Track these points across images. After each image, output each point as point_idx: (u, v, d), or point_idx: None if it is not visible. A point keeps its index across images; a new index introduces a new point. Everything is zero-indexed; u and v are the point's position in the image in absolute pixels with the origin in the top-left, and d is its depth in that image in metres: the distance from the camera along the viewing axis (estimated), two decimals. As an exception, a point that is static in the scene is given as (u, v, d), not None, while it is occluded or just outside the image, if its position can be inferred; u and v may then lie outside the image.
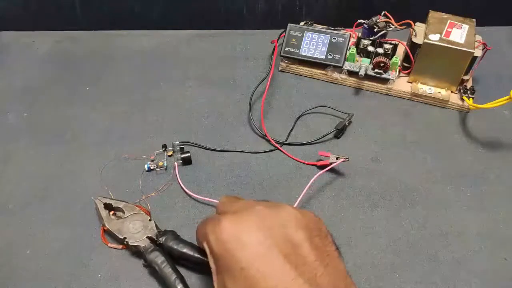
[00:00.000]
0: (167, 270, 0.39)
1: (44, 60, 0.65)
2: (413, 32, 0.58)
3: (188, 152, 0.51)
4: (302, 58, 0.62)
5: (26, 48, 0.67)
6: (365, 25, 0.60)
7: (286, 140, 0.54)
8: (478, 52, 0.56)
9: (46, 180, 0.49)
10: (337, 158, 0.49)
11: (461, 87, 0.59)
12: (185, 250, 0.40)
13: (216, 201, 0.47)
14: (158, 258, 0.40)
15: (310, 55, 0.61)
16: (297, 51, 0.62)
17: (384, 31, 0.59)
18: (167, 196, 0.48)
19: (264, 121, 0.55)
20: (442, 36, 0.56)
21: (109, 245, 0.43)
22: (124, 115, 0.57)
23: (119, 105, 0.58)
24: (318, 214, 0.46)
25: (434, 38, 0.56)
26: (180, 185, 0.49)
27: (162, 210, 0.47)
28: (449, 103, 0.59)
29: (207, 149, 0.53)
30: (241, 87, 0.61)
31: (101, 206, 0.44)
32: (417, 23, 0.59)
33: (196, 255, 0.40)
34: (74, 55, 0.66)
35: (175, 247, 0.41)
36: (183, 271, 0.40)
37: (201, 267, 0.40)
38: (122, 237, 0.42)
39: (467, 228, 0.46)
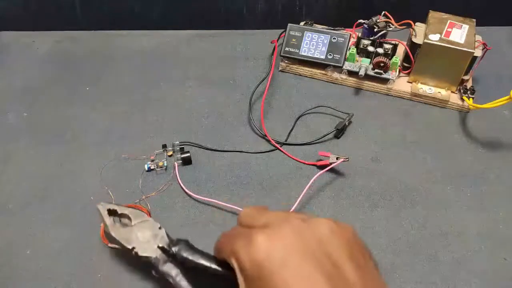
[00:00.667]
0: (183, 283, 0.35)
1: (44, 60, 0.65)
2: (413, 32, 0.58)
3: (188, 152, 0.51)
4: (302, 58, 0.62)
5: (26, 48, 0.67)
6: (365, 25, 0.60)
7: (286, 140, 0.54)
8: (478, 52, 0.56)
9: (46, 180, 0.49)
10: (337, 158, 0.49)
11: (461, 87, 0.59)
12: (201, 261, 0.36)
13: (216, 201, 0.47)
14: (173, 270, 0.36)
15: (310, 55, 0.61)
16: (297, 51, 0.62)
17: (384, 31, 0.59)
18: (167, 196, 0.48)
19: (264, 121, 0.55)
20: (442, 36, 0.56)
21: (109, 245, 0.43)
22: (124, 115, 0.57)
23: (119, 105, 0.58)
24: (318, 214, 0.46)
25: (434, 38, 0.56)
26: (180, 185, 0.49)
27: (162, 210, 0.47)
28: (449, 103, 0.59)
29: (207, 149, 0.53)
30: (241, 87, 0.61)
31: (104, 213, 0.39)
32: (417, 23, 0.59)
33: (213, 266, 0.35)
34: (74, 55, 0.66)
35: (190, 258, 0.36)
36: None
37: (217, 279, 0.36)
38: (130, 247, 0.38)
39: (467, 228, 0.46)
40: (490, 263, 0.44)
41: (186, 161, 0.51)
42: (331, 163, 0.49)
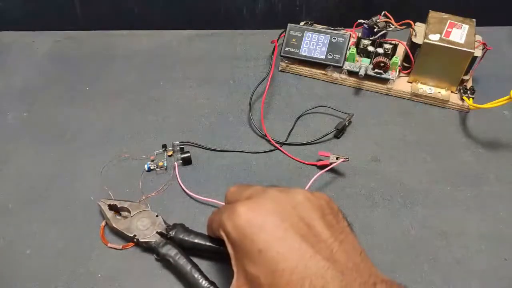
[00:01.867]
0: (182, 261, 0.40)
1: (44, 60, 0.65)
2: (413, 32, 0.58)
3: (188, 152, 0.51)
4: (302, 58, 0.62)
5: (26, 48, 0.67)
6: (365, 25, 0.60)
7: (286, 140, 0.54)
8: (478, 52, 0.56)
9: (46, 180, 0.49)
10: (337, 158, 0.49)
11: (461, 87, 0.59)
12: (196, 240, 0.41)
13: (216, 201, 0.47)
14: (171, 251, 0.40)
15: (310, 55, 0.61)
16: (297, 51, 0.62)
17: (384, 31, 0.59)
18: (167, 196, 0.48)
19: (264, 121, 0.55)
20: (442, 36, 0.56)
21: (109, 245, 0.43)
22: (124, 115, 0.57)
23: (119, 105, 0.58)
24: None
25: (434, 38, 0.56)
26: (180, 185, 0.49)
27: (162, 210, 0.47)
28: (449, 103, 0.59)
29: (207, 149, 0.53)
30: (241, 87, 0.61)
31: (105, 208, 0.44)
32: (417, 23, 0.59)
33: (208, 243, 0.41)
34: (74, 55, 0.66)
35: (186, 238, 0.41)
36: (194, 260, 0.41)
37: (213, 255, 0.41)
38: (131, 235, 0.42)
39: (467, 228, 0.46)
40: (490, 263, 0.44)
41: (186, 161, 0.51)
42: (331, 163, 0.49)
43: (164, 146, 0.52)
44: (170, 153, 0.52)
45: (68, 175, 0.50)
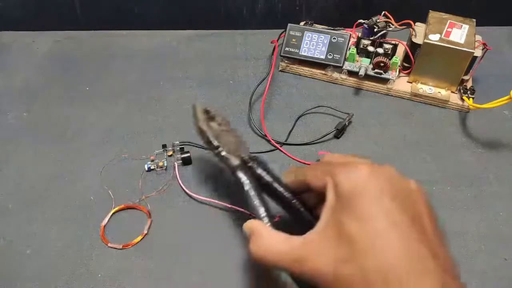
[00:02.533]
0: (252, 193, 0.37)
1: (44, 60, 0.65)
2: (413, 32, 0.58)
3: (188, 152, 0.51)
4: (302, 58, 0.62)
5: (26, 48, 0.67)
6: (365, 25, 0.60)
7: (286, 140, 0.54)
8: (478, 52, 0.56)
9: (46, 180, 0.49)
10: (337, 158, 0.49)
11: (461, 87, 0.59)
12: (272, 180, 0.38)
13: (216, 201, 0.47)
14: (247, 180, 0.38)
15: (310, 55, 0.61)
16: (297, 51, 0.62)
17: (384, 31, 0.59)
18: (167, 196, 0.48)
19: (264, 121, 0.55)
20: (442, 36, 0.56)
21: (109, 244, 0.43)
22: (124, 115, 0.57)
23: (119, 105, 0.58)
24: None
25: (434, 38, 0.56)
26: (180, 185, 0.49)
27: (162, 210, 0.47)
28: (449, 103, 0.59)
29: (207, 149, 0.53)
30: (241, 87, 0.61)
31: (199, 109, 0.42)
32: (417, 23, 0.59)
33: (280, 189, 0.38)
34: (74, 55, 0.66)
35: (264, 175, 0.39)
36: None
37: (281, 204, 0.39)
38: (216, 145, 0.40)
39: (467, 228, 0.46)
40: (490, 263, 0.44)
41: (186, 161, 0.51)
42: (331, 163, 0.49)
43: (164, 146, 0.52)
44: (170, 153, 0.52)
45: (68, 175, 0.50)
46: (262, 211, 0.36)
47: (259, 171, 0.39)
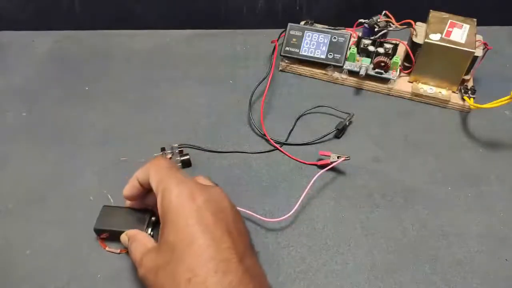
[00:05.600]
0: None
1: (43, 60, 0.65)
2: (414, 32, 0.58)
3: (187, 154, 0.51)
4: (302, 57, 0.62)
5: (25, 48, 0.67)
6: (366, 25, 0.60)
7: (286, 140, 0.54)
8: (479, 52, 0.56)
9: (46, 180, 0.49)
10: (338, 157, 0.49)
11: (462, 87, 0.58)
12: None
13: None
14: None
15: (311, 55, 0.61)
16: (297, 51, 0.61)
17: (385, 31, 0.59)
18: (167, 197, 0.48)
19: (264, 121, 0.55)
20: (443, 36, 0.56)
21: (107, 249, 0.43)
22: (124, 115, 0.57)
23: (119, 105, 0.58)
24: (319, 214, 0.46)
25: (434, 37, 0.56)
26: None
27: (162, 211, 0.46)
28: (450, 103, 0.59)
29: (206, 150, 0.53)
30: (241, 87, 0.61)
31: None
32: (417, 23, 0.59)
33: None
34: (73, 55, 0.66)
35: None
36: None
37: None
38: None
39: (467, 228, 0.46)
40: (491, 264, 0.43)
41: (186, 164, 0.51)
42: (332, 162, 0.49)
43: (162, 149, 0.52)
44: (169, 156, 0.51)
45: (68, 175, 0.50)
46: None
47: None
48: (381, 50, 0.58)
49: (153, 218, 0.43)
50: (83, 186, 0.49)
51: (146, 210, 0.43)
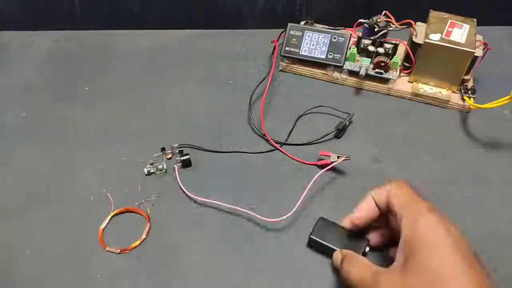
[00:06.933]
0: None
1: (43, 60, 0.65)
2: (414, 32, 0.58)
3: (187, 154, 0.51)
4: (302, 57, 0.62)
5: (25, 47, 0.67)
6: (366, 25, 0.60)
7: (286, 140, 0.54)
8: (479, 52, 0.56)
9: (46, 180, 0.49)
10: (338, 157, 0.49)
11: (462, 87, 0.58)
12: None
13: (217, 202, 0.47)
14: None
15: (311, 55, 0.61)
16: (297, 51, 0.61)
17: (385, 31, 0.59)
18: (168, 199, 0.48)
19: (264, 121, 0.55)
20: (443, 36, 0.56)
21: (107, 249, 0.43)
22: (124, 115, 0.57)
23: (119, 105, 0.58)
24: (319, 214, 0.46)
25: (435, 37, 0.56)
26: (180, 187, 0.48)
27: (162, 213, 0.46)
28: (449, 103, 0.59)
29: (206, 150, 0.53)
30: (241, 87, 0.61)
31: None
32: (417, 23, 0.59)
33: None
34: (73, 54, 0.66)
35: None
36: None
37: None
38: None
39: (467, 228, 0.46)
40: (491, 264, 0.43)
41: (186, 164, 0.51)
42: (332, 162, 0.49)
43: (162, 149, 0.52)
44: (169, 156, 0.51)
45: (68, 175, 0.50)
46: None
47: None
48: (381, 50, 0.58)
49: (367, 249, 0.42)
50: (83, 186, 0.49)
51: (362, 236, 0.42)
